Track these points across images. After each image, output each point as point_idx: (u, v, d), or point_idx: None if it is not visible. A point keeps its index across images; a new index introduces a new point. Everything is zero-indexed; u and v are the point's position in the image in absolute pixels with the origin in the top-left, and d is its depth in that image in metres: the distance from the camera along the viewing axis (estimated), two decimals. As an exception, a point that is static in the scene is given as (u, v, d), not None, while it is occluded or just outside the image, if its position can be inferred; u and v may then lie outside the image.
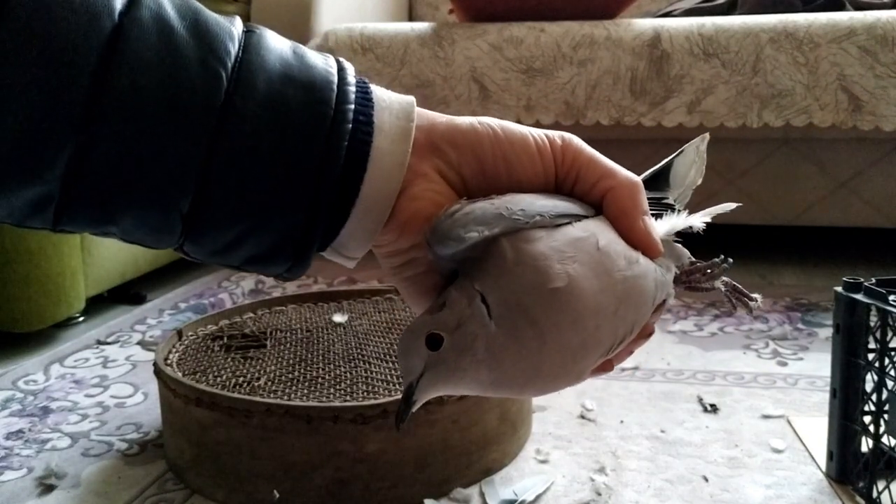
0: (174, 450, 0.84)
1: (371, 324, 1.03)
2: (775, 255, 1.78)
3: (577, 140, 0.40)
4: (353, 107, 0.37)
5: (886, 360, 0.73)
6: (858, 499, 0.76)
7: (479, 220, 0.36)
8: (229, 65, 0.35)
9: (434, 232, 0.36)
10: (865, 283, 0.75)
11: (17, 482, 0.83)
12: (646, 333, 0.41)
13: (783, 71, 1.51)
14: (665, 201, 0.45)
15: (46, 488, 0.82)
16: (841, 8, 1.69)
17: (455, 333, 0.36)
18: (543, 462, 0.84)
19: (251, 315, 1.08)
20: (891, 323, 0.72)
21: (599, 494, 0.77)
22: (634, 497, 0.77)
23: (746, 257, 1.73)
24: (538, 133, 0.40)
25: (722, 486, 0.79)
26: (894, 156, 1.64)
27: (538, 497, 0.78)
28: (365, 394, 0.82)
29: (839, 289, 0.78)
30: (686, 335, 1.26)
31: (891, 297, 0.73)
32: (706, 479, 0.80)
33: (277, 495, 0.75)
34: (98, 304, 1.45)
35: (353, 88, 0.38)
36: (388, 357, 0.91)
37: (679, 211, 0.44)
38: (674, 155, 0.47)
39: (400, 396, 0.75)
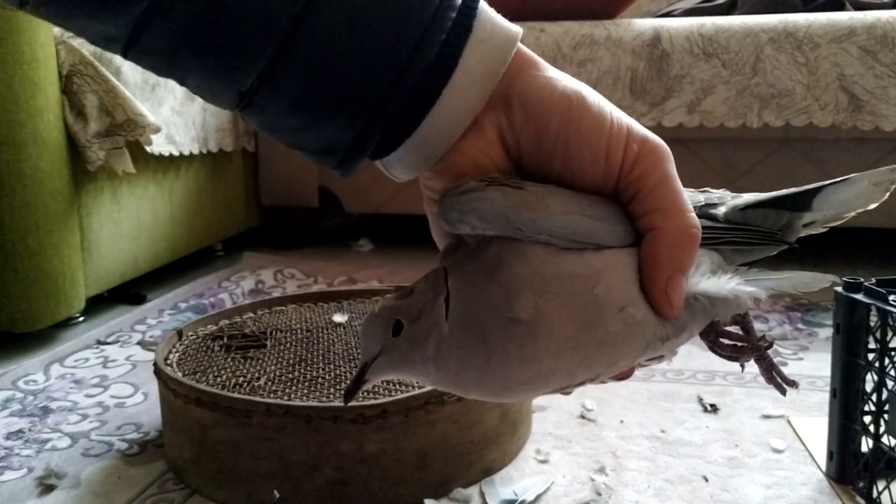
0: (174, 450, 0.84)
1: (371, 324, 1.03)
2: (776, 255, 1.78)
3: (659, 153, 0.35)
4: (443, 37, 0.34)
5: (886, 360, 0.73)
6: (858, 499, 0.76)
7: (479, 214, 0.33)
8: None
9: (441, 203, 0.35)
10: (865, 283, 0.75)
11: (17, 482, 0.83)
12: (618, 377, 0.38)
13: (783, 71, 1.51)
14: (766, 231, 0.41)
15: (46, 488, 0.82)
16: (841, 8, 1.69)
17: (413, 324, 0.35)
18: (543, 462, 0.84)
19: (251, 315, 1.08)
20: (891, 323, 0.72)
21: (599, 494, 0.77)
22: (634, 497, 0.77)
23: (746, 257, 1.72)
24: (619, 127, 0.35)
25: (722, 486, 0.79)
26: (894, 156, 1.64)
27: (538, 497, 0.77)
28: (365, 394, 0.82)
29: (839, 289, 0.77)
30: (686, 335, 1.26)
31: (891, 297, 0.73)
32: (706, 479, 0.80)
33: (277, 495, 0.75)
34: (98, 304, 1.45)
35: (452, 14, 0.34)
36: (388, 357, 0.91)
37: (754, 266, 0.40)
38: (837, 180, 0.40)
39: (400, 396, 0.75)
